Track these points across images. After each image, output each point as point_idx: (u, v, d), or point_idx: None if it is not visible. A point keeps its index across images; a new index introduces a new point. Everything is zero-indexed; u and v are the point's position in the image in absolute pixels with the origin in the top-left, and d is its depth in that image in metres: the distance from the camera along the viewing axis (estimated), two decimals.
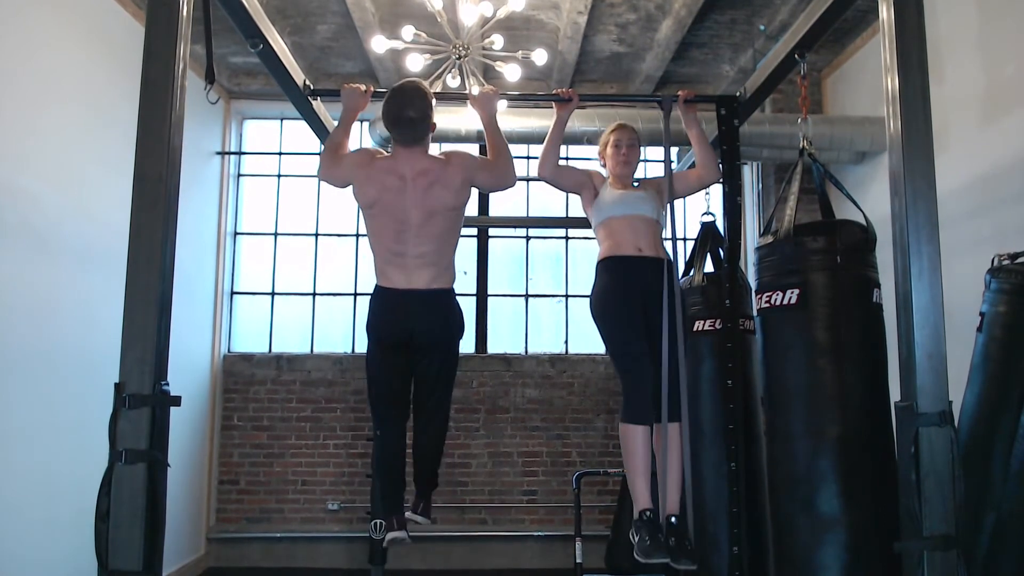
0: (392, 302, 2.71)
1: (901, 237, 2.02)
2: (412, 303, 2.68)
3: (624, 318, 2.82)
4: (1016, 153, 3.51)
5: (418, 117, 2.65)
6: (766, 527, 3.09)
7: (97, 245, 3.98)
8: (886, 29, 2.11)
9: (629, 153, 3.05)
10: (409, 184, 2.65)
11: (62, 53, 3.80)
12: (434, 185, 2.66)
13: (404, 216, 2.65)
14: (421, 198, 2.65)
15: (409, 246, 2.66)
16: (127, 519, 1.77)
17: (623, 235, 2.91)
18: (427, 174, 2.66)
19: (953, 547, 1.89)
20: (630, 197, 2.97)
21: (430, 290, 2.69)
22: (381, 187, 2.66)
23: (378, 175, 2.68)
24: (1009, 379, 2.69)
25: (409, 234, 2.65)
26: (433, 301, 2.70)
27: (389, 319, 2.73)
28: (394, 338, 2.74)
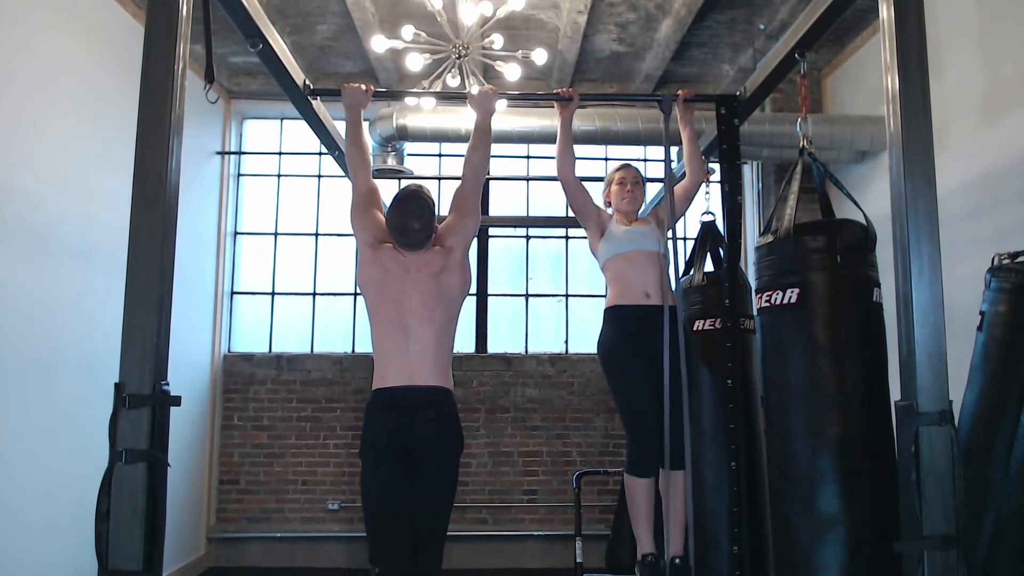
0: (389, 400, 2.56)
1: (901, 236, 2.02)
2: (412, 399, 2.54)
3: (631, 372, 2.92)
4: (1016, 153, 3.51)
5: (422, 228, 2.61)
6: (766, 527, 3.09)
7: (97, 245, 3.98)
8: (886, 28, 2.11)
9: (635, 190, 3.17)
10: (413, 273, 2.63)
11: (62, 53, 3.80)
12: (441, 273, 2.64)
13: (406, 303, 2.60)
14: (424, 285, 2.61)
15: (410, 335, 2.58)
16: (127, 519, 1.76)
17: (630, 278, 3.00)
18: (430, 264, 2.65)
19: (953, 547, 1.89)
20: (635, 233, 3.07)
21: (430, 387, 2.57)
22: (383, 270, 2.64)
23: (383, 257, 2.65)
24: (1009, 379, 2.69)
25: (410, 324, 2.59)
26: (434, 398, 2.58)
27: (389, 420, 2.53)
28: (394, 443, 2.52)
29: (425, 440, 2.54)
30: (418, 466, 2.54)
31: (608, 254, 3.08)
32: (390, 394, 2.56)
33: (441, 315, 2.63)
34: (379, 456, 2.53)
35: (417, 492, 2.54)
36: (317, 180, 6.08)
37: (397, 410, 2.54)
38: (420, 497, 2.54)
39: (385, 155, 5.07)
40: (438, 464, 2.57)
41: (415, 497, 2.54)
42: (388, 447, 2.53)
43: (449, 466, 2.62)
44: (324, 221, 6.05)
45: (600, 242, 3.12)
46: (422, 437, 2.54)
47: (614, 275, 3.06)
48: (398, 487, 2.52)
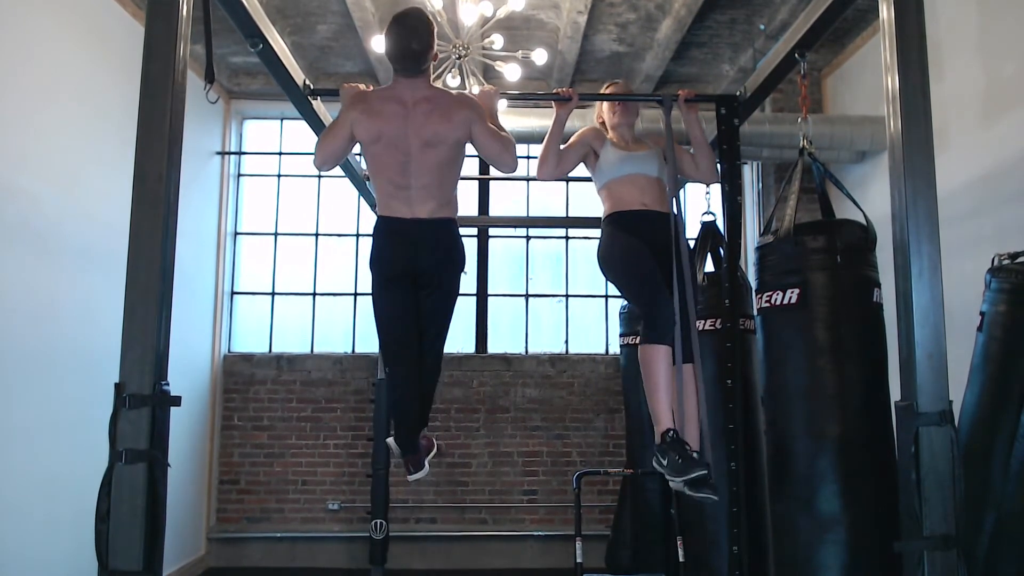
0: (395, 230, 2.71)
1: (901, 237, 2.02)
2: (415, 231, 2.69)
3: (636, 254, 2.80)
4: (1016, 153, 3.51)
5: (421, 49, 2.63)
6: (766, 527, 3.09)
7: (97, 245, 3.98)
8: (886, 28, 2.11)
9: (626, 104, 3.09)
10: (410, 110, 2.64)
11: (62, 53, 3.80)
12: (434, 112, 2.65)
13: (406, 146, 2.64)
14: (421, 125, 2.64)
15: (411, 178, 2.66)
16: (127, 519, 1.77)
17: (627, 193, 2.92)
18: (429, 101, 2.66)
19: (953, 547, 1.89)
20: (632, 158, 2.97)
21: (433, 219, 2.70)
22: (382, 117, 2.64)
23: (378, 104, 2.66)
24: (1009, 379, 2.69)
25: (411, 165, 2.65)
26: (436, 229, 2.71)
27: (392, 247, 2.72)
28: (399, 268, 2.72)
29: (429, 266, 2.72)
30: (423, 285, 2.75)
31: (604, 178, 2.98)
32: (395, 225, 2.71)
33: (443, 153, 2.68)
34: (386, 279, 2.76)
35: (422, 307, 2.78)
36: (317, 180, 6.08)
37: (402, 241, 2.70)
38: (424, 311, 2.78)
39: None
40: (441, 285, 2.77)
41: (420, 311, 2.78)
42: (395, 272, 2.73)
43: (450, 286, 2.82)
44: (324, 221, 6.05)
45: (597, 164, 3.01)
46: (426, 264, 2.71)
47: (609, 193, 2.97)
48: (403, 302, 2.76)
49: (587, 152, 3.04)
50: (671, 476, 2.55)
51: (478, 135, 2.73)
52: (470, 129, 2.71)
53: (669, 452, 2.58)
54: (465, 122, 2.70)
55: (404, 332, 2.80)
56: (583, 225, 5.64)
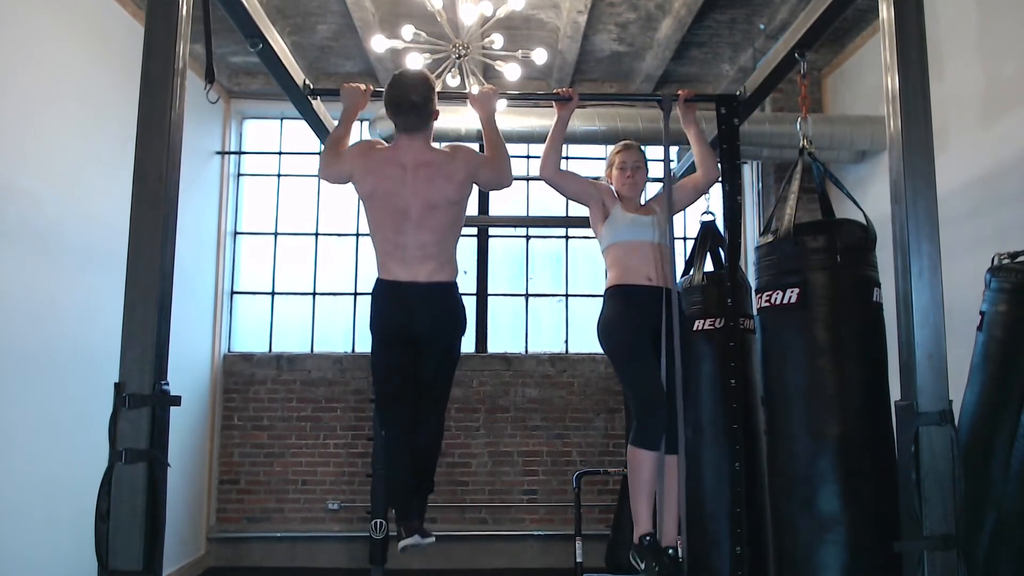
0: (394, 295, 2.66)
1: (901, 236, 2.02)
2: (414, 296, 2.63)
3: (636, 344, 2.82)
4: (1016, 153, 3.51)
5: (421, 102, 2.62)
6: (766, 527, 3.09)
7: (97, 245, 3.98)
8: (886, 28, 2.11)
9: (635, 175, 3.05)
10: (410, 175, 2.62)
11: (62, 53, 3.80)
12: (436, 178, 2.63)
13: (404, 207, 2.61)
14: (422, 189, 2.62)
15: (409, 238, 2.62)
16: (127, 519, 1.77)
17: (632, 263, 2.91)
18: (430, 166, 2.64)
19: (953, 547, 1.89)
20: (640, 222, 2.96)
21: (432, 283, 2.65)
22: (381, 176, 2.63)
23: (378, 165, 2.66)
24: (1009, 378, 2.69)
25: (409, 225, 2.62)
26: (436, 294, 2.66)
27: (392, 313, 2.67)
28: (398, 333, 2.69)
29: (428, 330, 2.68)
30: (422, 351, 2.71)
31: (610, 240, 2.98)
32: (395, 288, 2.66)
33: (442, 216, 2.65)
34: (385, 341, 2.73)
35: (420, 371, 2.74)
36: (317, 180, 6.07)
37: (401, 306, 2.66)
38: (424, 371, 2.74)
39: None
40: (440, 346, 2.74)
41: (419, 374, 2.74)
42: (394, 335, 2.69)
43: (449, 350, 2.78)
44: (324, 221, 6.05)
45: (603, 226, 3.00)
46: (425, 329, 2.67)
47: (615, 259, 2.98)
48: (402, 364, 2.72)
49: (593, 193, 3.03)
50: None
51: (484, 180, 2.78)
52: (474, 180, 2.73)
53: (647, 557, 2.72)
54: (469, 178, 2.71)
55: (400, 391, 2.74)
56: (583, 225, 5.60)
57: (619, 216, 2.97)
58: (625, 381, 2.93)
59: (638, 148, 3.12)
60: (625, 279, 2.91)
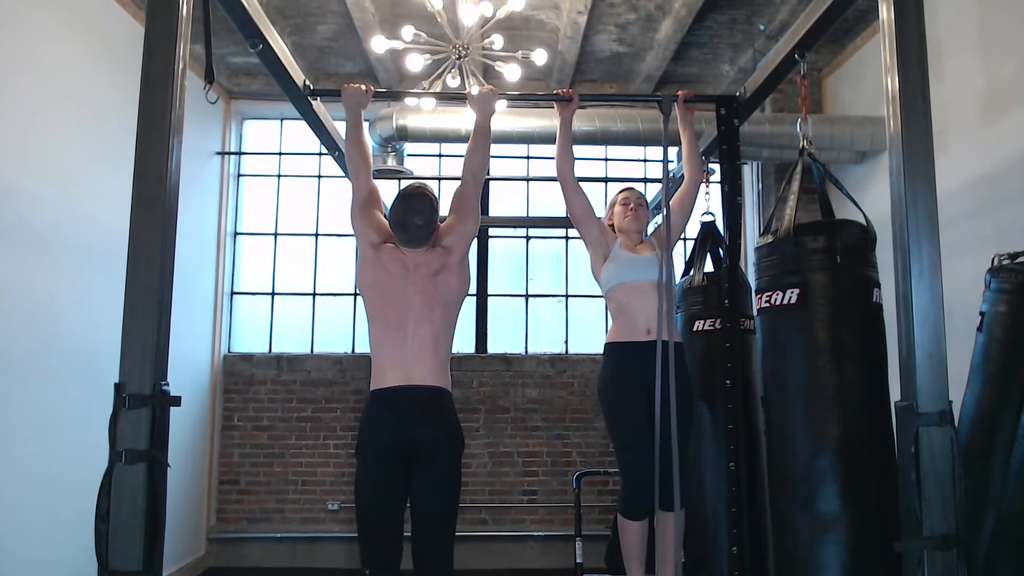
0: (389, 401, 2.53)
1: (901, 237, 2.02)
2: (410, 400, 2.52)
3: (628, 410, 2.81)
4: (1016, 153, 3.51)
5: (425, 224, 2.60)
6: (766, 527, 3.09)
7: (97, 245, 3.98)
8: (886, 29, 2.11)
9: (638, 211, 3.05)
10: (411, 272, 2.62)
11: (62, 53, 3.80)
12: (439, 273, 2.63)
13: (405, 303, 2.59)
14: (424, 285, 2.61)
15: (408, 335, 2.57)
16: (127, 519, 1.76)
17: (634, 310, 2.88)
18: (430, 264, 2.63)
19: (953, 547, 1.89)
20: (640, 261, 2.94)
21: (428, 387, 2.55)
22: (383, 270, 2.62)
23: (383, 258, 2.64)
24: (1009, 379, 2.69)
25: (408, 324, 2.58)
26: (433, 398, 2.56)
27: (386, 420, 2.51)
28: (392, 443, 2.50)
29: (424, 440, 2.52)
30: (417, 466, 2.51)
31: (613, 281, 2.95)
32: (388, 394, 2.54)
33: (440, 315, 2.62)
34: (376, 455, 2.52)
35: (418, 492, 2.52)
36: (317, 180, 6.08)
37: (395, 410, 2.52)
38: (422, 496, 2.52)
39: (385, 155, 5.07)
40: (439, 463, 2.54)
41: (417, 500, 2.52)
42: (385, 447, 2.51)
43: (449, 463, 2.59)
44: (324, 221, 6.05)
45: (604, 265, 2.98)
46: (420, 437, 2.51)
47: (617, 306, 2.95)
48: (392, 486, 2.51)
49: (598, 231, 3.02)
50: None
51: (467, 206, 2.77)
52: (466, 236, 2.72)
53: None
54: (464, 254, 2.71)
55: (388, 520, 2.51)
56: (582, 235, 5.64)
57: (620, 254, 2.96)
58: (614, 447, 2.91)
59: (639, 191, 3.15)
60: (623, 335, 2.89)
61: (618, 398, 2.85)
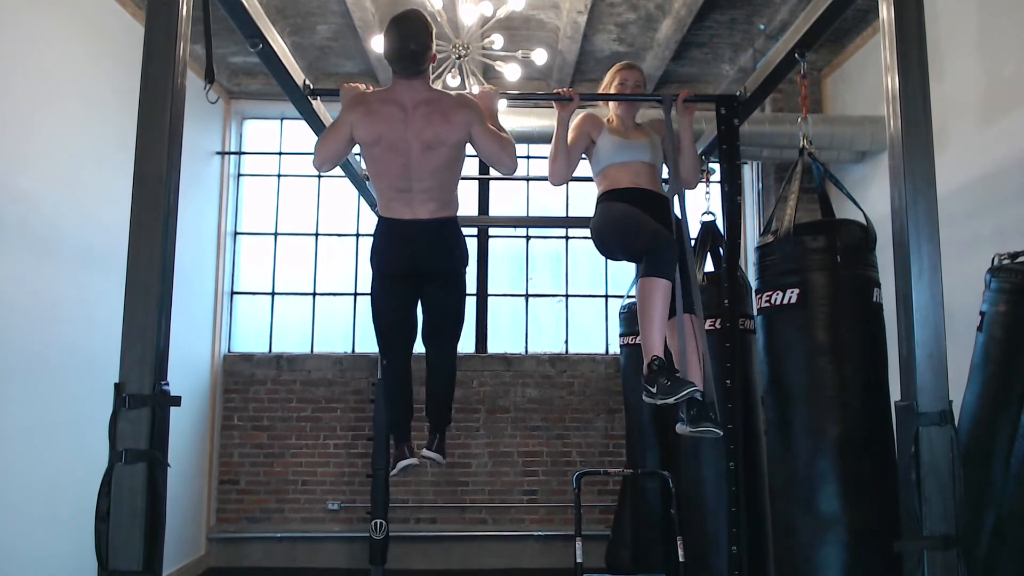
0: (396, 232, 2.75)
1: (901, 236, 2.02)
2: (416, 232, 2.72)
3: (630, 212, 2.85)
4: (1016, 153, 3.51)
5: (419, 49, 2.64)
6: (766, 527, 3.10)
7: (97, 245, 3.98)
8: (886, 28, 2.11)
9: (635, 92, 3.12)
10: (410, 113, 2.65)
11: (62, 53, 3.80)
12: (433, 115, 2.66)
13: (406, 148, 2.65)
14: (421, 128, 2.65)
15: (412, 181, 2.69)
16: (127, 519, 1.77)
17: (622, 176, 2.97)
18: (429, 103, 2.67)
19: (953, 547, 1.89)
20: (629, 145, 3.00)
21: (434, 219, 2.73)
22: (382, 119, 2.65)
23: (377, 107, 2.67)
24: (1009, 378, 2.69)
25: (411, 168, 2.67)
26: (438, 229, 2.74)
27: (394, 248, 2.76)
28: (399, 267, 2.77)
29: (432, 264, 2.75)
30: (426, 285, 2.79)
31: (600, 164, 3.04)
32: (396, 226, 2.73)
33: (443, 155, 2.69)
34: (387, 274, 2.79)
35: (427, 303, 2.83)
36: (317, 180, 6.08)
37: (403, 240, 2.74)
38: (431, 306, 2.83)
39: None
40: (444, 277, 2.80)
41: (426, 307, 2.84)
42: (396, 269, 2.77)
43: (454, 279, 2.84)
44: (324, 221, 6.05)
45: (592, 156, 3.06)
46: (429, 260, 2.75)
47: (604, 177, 3.03)
48: (402, 297, 2.81)
49: (586, 141, 3.07)
50: (662, 398, 2.50)
51: (477, 136, 2.73)
52: (470, 131, 2.71)
53: (658, 376, 2.53)
54: (465, 124, 2.70)
55: (401, 321, 2.85)
56: (583, 225, 5.61)
57: (608, 141, 3.01)
58: (630, 242, 2.83)
59: (639, 68, 3.17)
60: (613, 186, 2.97)
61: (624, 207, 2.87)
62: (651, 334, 2.61)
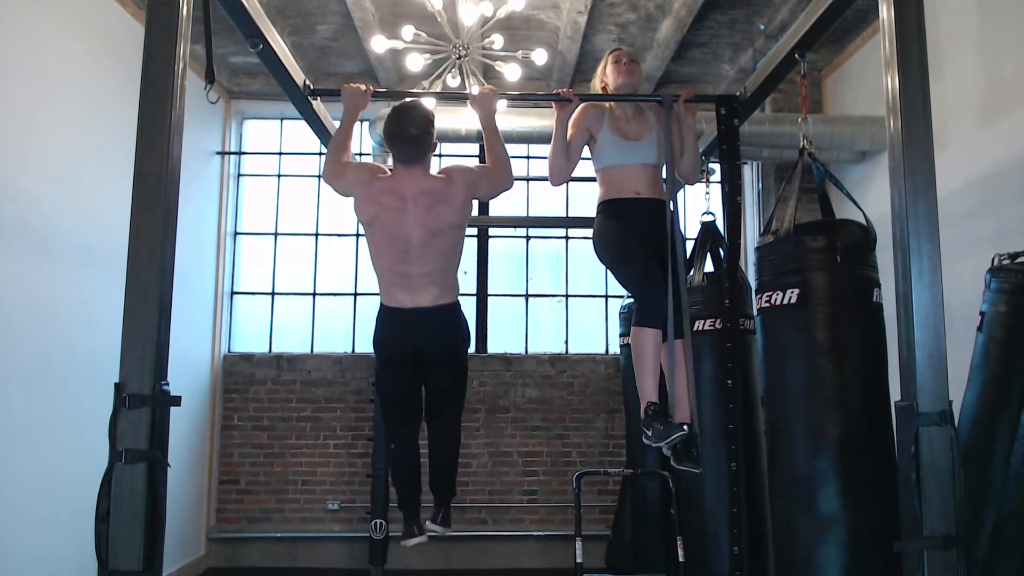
0: (398, 321, 2.75)
1: (901, 236, 2.02)
2: (418, 321, 2.72)
3: (628, 240, 2.86)
4: (1016, 153, 3.51)
5: (419, 135, 2.64)
6: (766, 527, 3.09)
7: (97, 245, 3.98)
8: (886, 28, 2.11)
9: (631, 66, 3.10)
10: (410, 204, 2.65)
11: (62, 53, 3.80)
12: (437, 204, 2.66)
13: (406, 236, 2.64)
14: (423, 218, 2.64)
15: (413, 266, 2.67)
16: (127, 519, 1.77)
17: (622, 181, 2.96)
18: (429, 194, 2.66)
19: (953, 547, 1.89)
20: (630, 147, 2.99)
21: (436, 307, 2.72)
22: (380, 207, 2.66)
23: (378, 194, 2.67)
24: (1009, 379, 2.69)
25: (412, 254, 2.66)
26: (439, 317, 2.74)
27: (396, 338, 2.77)
28: (402, 355, 2.78)
29: (434, 353, 2.76)
30: (429, 370, 2.81)
31: (600, 164, 3.04)
32: (399, 315, 2.73)
33: (444, 242, 2.69)
34: (391, 360, 2.81)
35: (431, 388, 2.85)
36: (317, 180, 6.07)
37: (406, 330, 2.73)
38: (433, 389, 2.85)
39: (385, 156, 5.06)
40: (447, 362, 2.82)
41: (429, 391, 2.86)
42: (399, 355, 2.77)
43: (457, 362, 2.86)
44: (324, 221, 6.04)
45: (593, 153, 3.05)
46: (431, 350, 2.76)
47: (604, 178, 3.03)
48: (407, 384, 2.84)
49: (585, 137, 3.05)
50: (656, 442, 2.72)
51: (484, 192, 2.87)
52: (471, 192, 2.77)
53: (653, 421, 2.73)
54: (468, 200, 2.76)
55: (407, 406, 2.90)
56: (583, 225, 5.63)
57: (608, 140, 3.00)
58: (622, 275, 2.95)
59: (630, 50, 3.18)
60: (612, 195, 2.98)
61: (619, 234, 2.89)
62: (645, 382, 2.79)
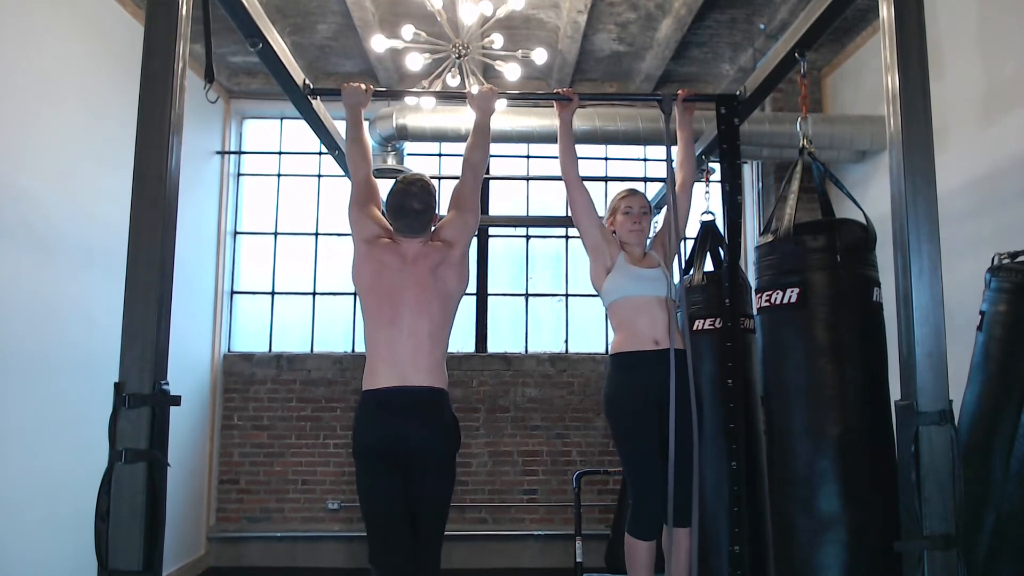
0: (382, 401, 2.49)
1: (901, 236, 2.02)
2: (405, 401, 2.47)
3: (638, 425, 2.74)
4: (1016, 153, 3.51)
5: (422, 209, 2.60)
6: (766, 527, 3.09)
7: (97, 245, 3.98)
8: (886, 28, 2.11)
9: (642, 220, 2.96)
10: (409, 265, 2.59)
11: (62, 52, 3.80)
12: (439, 267, 2.60)
13: (401, 297, 2.55)
14: (421, 280, 2.57)
15: (404, 328, 2.52)
16: (127, 519, 1.76)
17: (639, 324, 2.82)
18: (428, 257, 2.60)
19: (953, 546, 1.89)
20: (644, 276, 2.86)
21: (424, 388, 2.49)
22: (379, 264, 2.59)
23: (379, 252, 2.61)
24: (1009, 378, 2.69)
25: (404, 318, 2.53)
26: (427, 400, 2.50)
27: (380, 423, 2.47)
28: (387, 445, 2.46)
29: (419, 445, 2.47)
30: (413, 470, 2.48)
31: (616, 295, 2.87)
32: (382, 396, 2.49)
33: (437, 310, 2.58)
34: (373, 460, 2.48)
35: (413, 495, 2.49)
36: (317, 180, 6.08)
37: (389, 414, 2.47)
38: (417, 500, 2.49)
39: (385, 155, 5.07)
40: (433, 468, 2.51)
41: (411, 500, 2.49)
42: (381, 451, 2.47)
43: (445, 469, 2.55)
44: (324, 221, 6.05)
45: (607, 277, 2.89)
46: (416, 442, 2.46)
47: (620, 320, 2.87)
48: (394, 490, 2.47)
49: (601, 240, 2.93)
50: None
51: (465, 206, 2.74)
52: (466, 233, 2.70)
53: None
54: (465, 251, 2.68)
55: (393, 512, 2.49)
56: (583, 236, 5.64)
57: (624, 268, 2.87)
58: (623, 461, 2.85)
59: (643, 195, 3.05)
60: (629, 345, 2.82)
61: (629, 414, 2.76)
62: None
